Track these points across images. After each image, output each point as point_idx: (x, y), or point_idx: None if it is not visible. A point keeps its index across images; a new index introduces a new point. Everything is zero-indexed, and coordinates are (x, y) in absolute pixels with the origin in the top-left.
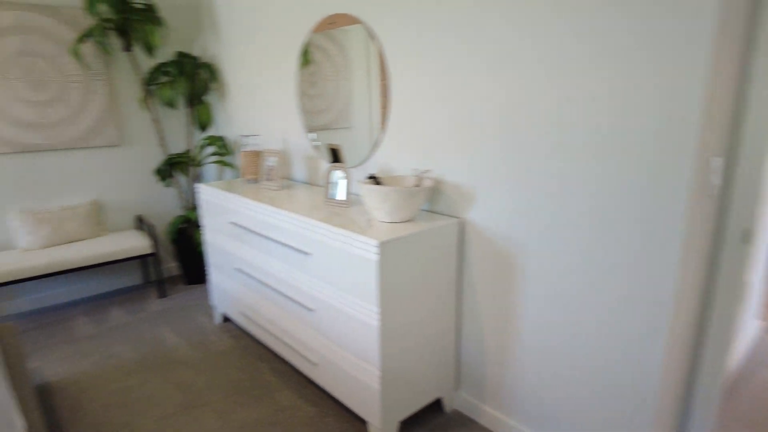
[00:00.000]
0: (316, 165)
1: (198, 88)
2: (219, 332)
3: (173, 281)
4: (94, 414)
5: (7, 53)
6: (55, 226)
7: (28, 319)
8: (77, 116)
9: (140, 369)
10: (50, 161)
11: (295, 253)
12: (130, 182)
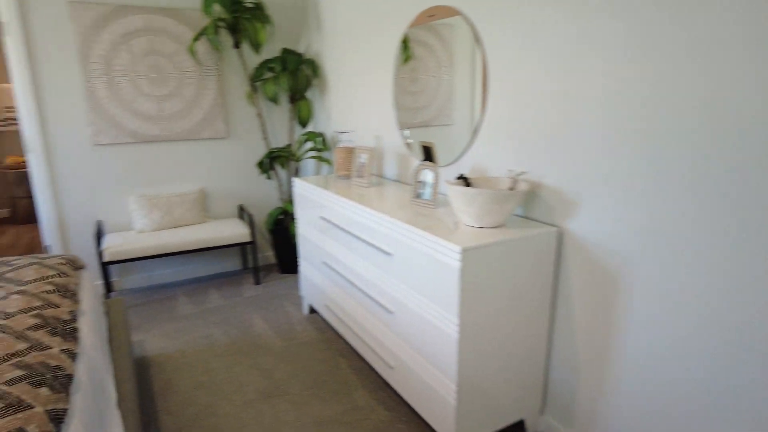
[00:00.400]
0: (408, 163)
1: (300, 84)
2: (305, 323)
3: (269, 269)
4: (183, 392)
5: (136, 53)
6: (166, 211)
7: (139, 294)
8: (190, 110)
9: (229, 352)
10: (165, 151)
11: (377, 252)
12: (234, 173)
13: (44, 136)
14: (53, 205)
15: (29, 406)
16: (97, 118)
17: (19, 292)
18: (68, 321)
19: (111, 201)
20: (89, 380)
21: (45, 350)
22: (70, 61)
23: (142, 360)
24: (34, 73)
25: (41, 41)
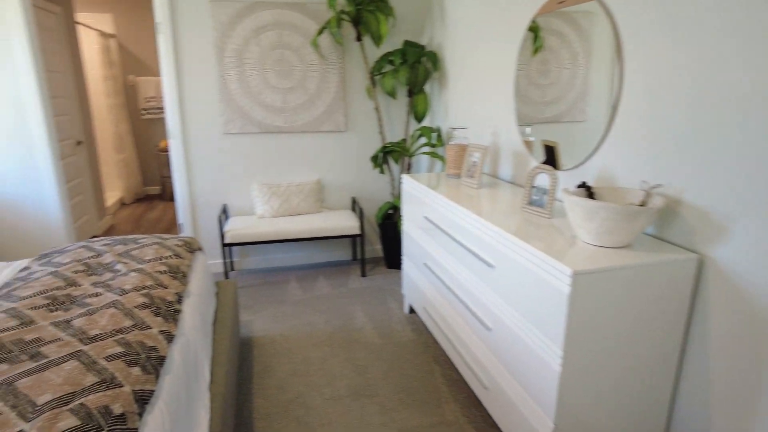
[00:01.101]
0: (525, 163)
1: (419, 77)
2: (404, 322)
3: (376, 262)
4: (279, 377)
5: (265, 46)
6: (284, 199)
7: (256, 275)
8: (313, 103)
9: (328, 342)
10: (287, 142)
11: (478, 261)
12: (350, 166)
13: (183, 124)
14: (187, 187)
15: (119, 385)
16: (228, 108)
17: (137, 270)
18: (172, 303)
19: (236, 187)
20: (183, 362)
21: (146, 330)
22: (208, 55)
23: (248, 340)
24: (179, 67)
25: (185, 38)
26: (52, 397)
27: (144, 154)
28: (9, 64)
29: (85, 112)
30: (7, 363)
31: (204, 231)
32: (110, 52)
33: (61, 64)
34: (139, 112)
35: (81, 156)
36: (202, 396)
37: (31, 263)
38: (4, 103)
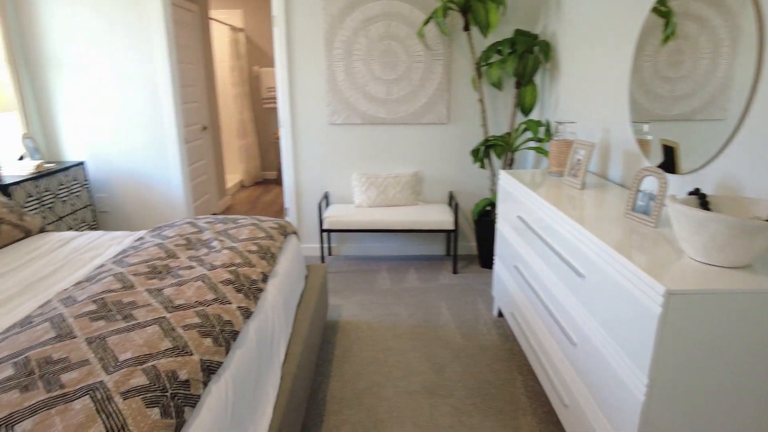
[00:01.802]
0: (637, 164)
1: (528, 67)
2: (490, 325)
3: (469, 260)
4: (358, 364)
5: (372, 38)
6: (381, 190)
7: (350, 262)
8: (416, 94)
9: (409, 335)
10: (388, 134)
11: (569, 269)
12: (449, 159)
13: (293, 114)
14: (293, 173)
15: (189, 353)
16: (334, 99)
17: (230, 248)
18: (256, 281)
19: (338, 175)
20: (257, 339)
21: (225, 304)
22: (318, 47)
23: (334, 324)
24: (291, 58)
25: (298, 30)
26: (132, 356)
27: (264, 141)
28: (149, 57)
29: (212, 100)
30: (105, 320)
31: (306, 216)
32: (238, 45)
33: (193, 56)
34: (261, 101)
35: (206, 140)
36: (273, 374)
37: (146, 234)
38: (143, 91)
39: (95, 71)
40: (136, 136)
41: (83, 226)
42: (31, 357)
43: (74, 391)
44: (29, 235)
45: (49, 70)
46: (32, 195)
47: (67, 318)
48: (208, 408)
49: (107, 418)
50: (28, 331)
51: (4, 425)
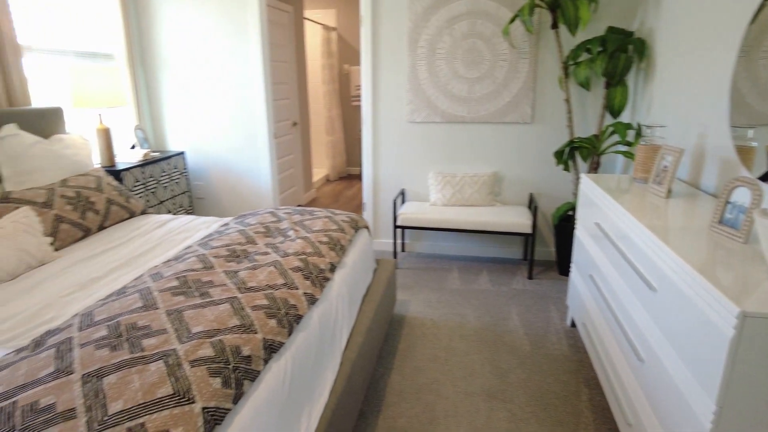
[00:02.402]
0: (734, 173)
1: (619, 67)
2: (561, 335)
3: (546, 266)
4: (420, 360)
5: (456, 36)
6: (457, 189)
7: (422, 259)
8: (499, 93)
9: (474, 337)
10: (468, 132)
11: (641, 281)
12: (531, 160)
13: (374, 111)
14: (372, 170)
15: (254, 332)
16: (415, 97)
17: (303, 238)
18: (323, 270)
19: (415, 173)
20: (319, 324)
21: (293, 290)
22: (401, 46)
23: (400, 318)
24: (375, 57)
25: (383, 30)
26: (203, 329)
27: (350, 138)
28: (245, 56)
29: (302, 97)
30: (184, 296)
31: (382, 212)
32: (330, 44)
33: (286, 55)
34: (349, 98)
35: (295, 135)
36: (333, 359)
37: (231, 221)
38: (238, 88)
39: (198, 69)
40: (231, 129)
41: (180, 210)
42: (121, 322)
43: (151, 354)
44: (133, 216)
45: (159, 68)
46: (139, 180)
47: (153, 291)
48: (267, 384)
49: (176, 381)
50: (121, 300)
51: (95, 376)
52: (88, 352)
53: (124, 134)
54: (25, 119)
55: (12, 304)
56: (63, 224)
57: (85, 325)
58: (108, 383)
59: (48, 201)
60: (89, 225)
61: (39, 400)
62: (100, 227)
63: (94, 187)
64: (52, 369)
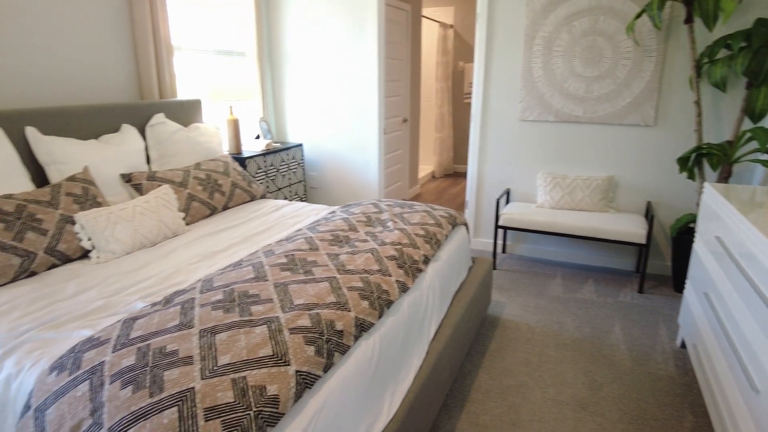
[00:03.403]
0: None
1: (767, 64)
2: (669, 355)
3: (661, 281)
4: (510, 362)
5: (575, 33)
6: (567, 192)
7: (523, 262)
8: (619, 93)
9: (571, 347)
10: (582, 133)
11: (764, 305)
12: (650, 165)
13: (484, 108)
14: (477, 167)
15: (348, 310)
16: (528, 95)
17: (400, 229)
18: (417, 261)
19: (522, 173)
20: (409, 312)
21: (386, 276)
22: (517, 43)
23: (494, 319)
24: (488, 54)
25: (499, 27)
26: (303, 302)
27: (459, 135)
28: (361, 53)
29: (414, 94)
30: (290, 272)
31: (484, 210)
32: (446, 41)
33: (401, 52)
34: (462, 95)
35: (405, 131)
36: (420, 346)
37: (337, 209)
38: (353, 84)
39: (318, 66)
40: (345, 125)
41: (295, 197)
42: (235, 289)
43: (258, 319)
44: (253, 200)
45: (283, 64)
46: (261, 168)
47: (264, 265)
48: (355, 358)
49: (275, 344)
50: (237, 271)
51: (210, 332)
52: (206, 311)
53: (250, 125)
54: (171, 109)
55: (151, 266)
56: (194, 202)
57: (206, 289)
58: (219, 339)
59: (184, 181)
60: (216, 204)
61: (166, 346)
62: (224, 207)
63: (222, 171)
64: (177, 322)
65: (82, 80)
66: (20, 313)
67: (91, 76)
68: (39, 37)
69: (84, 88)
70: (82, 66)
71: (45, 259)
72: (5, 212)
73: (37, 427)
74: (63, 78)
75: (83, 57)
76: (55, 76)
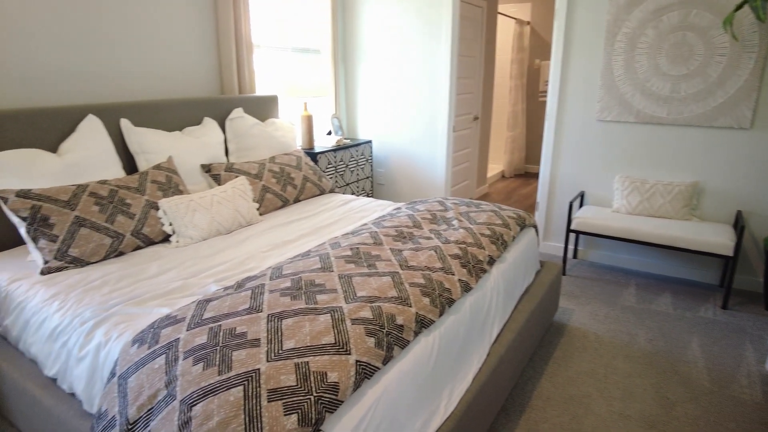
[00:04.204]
0: None
1: None
2: (755, 378)
3: (748, 297)
4: (574, 371)
5: (662, 29)
6: (646, 197)
7: (595, 269)
8: (711, 93)
9: (642, 361)
10: (666, 135)
11: None
12: (743, 172)
13: (559, 107)
14: (550, 168)
15: (408, 305)
16: (607, 95)
17: (466, 228)
18: (481, 262)
19: (597, 175)
20: (470, 312)
21: (449, 275)
22: (597, 40)
23: (560, 326)
24: (566, 52)
25: (578, 23)
26: (366, 294)
27: (532, 134)
28: (434, 51)
29: (487, 92)
30: (354, 264)
31: (556, 213)
32: (522, 38)
33: (475, 50)
34: (537, 93)
35: (475, 129)
36: (480, 348)
37: (403, 206)
38: (424, 82)
39: (390, 63)
40: (414, 122)
41: (362, 193)
42: (302, 278)
43: (322, 308)
44: (323, 193)
45: (357, 62)
46: (331, 163)
47: (330, 257)
48: (414, 353)
49: (337, 333)
50: (305, 260)
51: (277, 317)
52: (274, 297)
53: (322, 121)
54: (249, 105)
55: (225, 252)
56: (268, 194)
57: (275, 276)
58: (286, 324)
59: (259, 173)
60: (288, 197)
61: (236, 328)
62: (295, 200)
63: (294, 165)
64: (248, 306)
65: (170, 76)
66: (110, 289)
67: (178, 73)
68: (134, 38)
69: (171, 84)
70: (171, 63)
71: (131, 240)
72: (100, 196)
73: (120, 392)
74: (154, 74)
75: (172, 55)
76: (148, 73)
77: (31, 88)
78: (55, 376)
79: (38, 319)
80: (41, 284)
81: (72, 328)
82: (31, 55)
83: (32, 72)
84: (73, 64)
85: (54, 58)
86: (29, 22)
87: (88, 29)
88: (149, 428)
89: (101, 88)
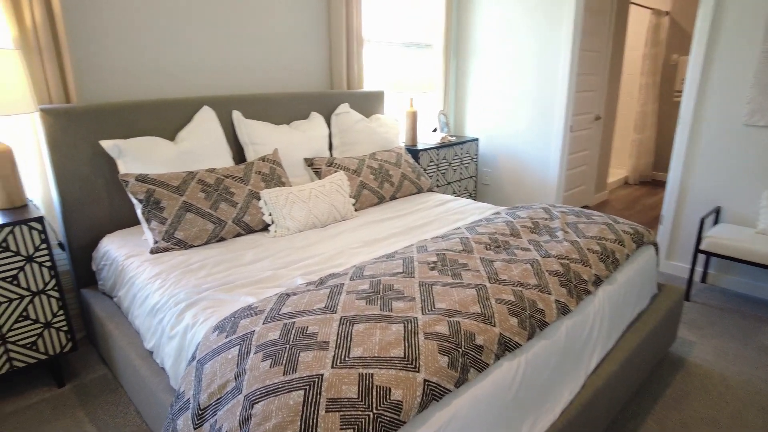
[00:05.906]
0: None
1: None
2: None
3: None
4: (689, 414)
5: None
6: None
7: (726, 298)
8: None
9: None
10: None
11: None
12: None
13: (696, 109)
14: (680, 177)
15: (492, 324)
16: (760, 95)
17: (571, 242)
18: (585, 281)
19: (740, 188)
20: (566, 338)
21: (544, 294)
22: (754, 31)
23: (677, 360)
24: (711, 45)
25: (730, 11)
26: (445, 307)
27: (663, 137)
28: (552, 46)
29: (612, 89)
30: (438, 272)
31: (683, 229)
32: (659, 30)
33: (599, 44)
34: (672, 93)
35: (596, 130)
36: (574, 379)
37: (502, 210)
38: (539, 78)
39: (504, 58)
40: (525, 120)
41: (464, 193)
42: (381, 281)
43: (396, 316)
44: (420, 192)
45: (469, 57)
46: (433, 161)
47: (414, 261)
48: (494, 379)
49: (408, 347)
50: (388, 263)
51: (350, 321)
52: (350, 299)
53: (428, 117)
54: (356, 100)
55: (318, 245)
56: (365, 190)
57: (356, 276)
58: (356, 330)
59: (358, 169)
60: (384, 194)
61: (308, 327)
62: (392, 197)
63: (393, 162)
64: (323, 305)
65: (282, 71)
66: (206, 273)
67: (289, 68)
68: (250, 33)
69: (283, 78)
70: (284, 58)
71: (232, 228)
72: (207, 184)
73: (196, 377)
74: (267, 69)
75: (285, 50)
76: (261, 67)
77: (159, 80)
78: (152, 349)
79: (143, 295)
80: (149, 262)
81: (167, 307)
82: (160, 51)
83: (161, 66)
84: (194, 58)
85: (176, 53)
86: (164, 22)
87: (210, 26)
88: (216, 417)
89: (217, 81)
